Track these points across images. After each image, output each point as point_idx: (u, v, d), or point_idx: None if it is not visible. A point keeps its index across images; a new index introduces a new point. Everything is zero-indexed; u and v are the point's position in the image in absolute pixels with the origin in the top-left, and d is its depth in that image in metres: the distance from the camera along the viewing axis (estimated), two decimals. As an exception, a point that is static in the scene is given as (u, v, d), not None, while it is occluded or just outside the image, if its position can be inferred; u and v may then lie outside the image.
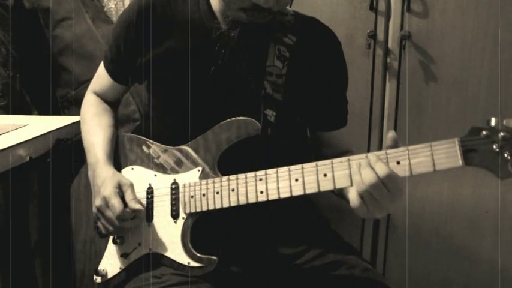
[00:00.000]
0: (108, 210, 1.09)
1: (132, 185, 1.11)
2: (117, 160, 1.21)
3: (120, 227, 1.09)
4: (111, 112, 1.30)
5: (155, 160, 1.14)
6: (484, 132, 0.82)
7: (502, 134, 0.81)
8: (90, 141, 1.22)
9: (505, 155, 0.81)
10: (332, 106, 1.24)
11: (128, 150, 1.20)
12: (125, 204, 1.08)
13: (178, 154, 1.11)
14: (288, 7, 1.18)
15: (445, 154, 0.84)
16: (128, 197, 1.09)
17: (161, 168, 1.13)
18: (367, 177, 0.87)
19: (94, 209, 1.13)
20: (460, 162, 0.83)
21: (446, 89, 1.66)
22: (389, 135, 0.90)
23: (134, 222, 1.10)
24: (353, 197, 0.91)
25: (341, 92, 1.25)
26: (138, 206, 1.08)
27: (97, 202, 1.11)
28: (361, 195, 0.89)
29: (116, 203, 1.07)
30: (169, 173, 1.12)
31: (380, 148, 1.71)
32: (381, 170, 0.87)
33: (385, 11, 1.64)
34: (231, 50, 1.11)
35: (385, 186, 0.87)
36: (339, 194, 1.09)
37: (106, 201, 1.09)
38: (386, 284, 1.11)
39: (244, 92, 1.12)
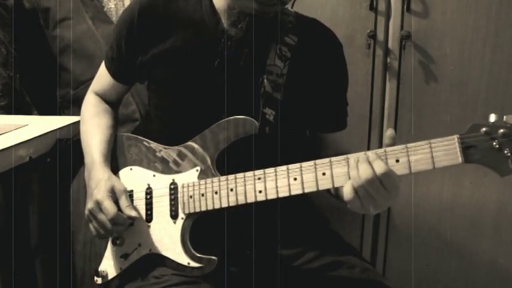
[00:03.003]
0: (100, 213, 1.08)
1: (126, 191, 1.12)
2: (116, 160, 1.21)
3: (112, 230, 1.09)
4: (110, 113, 1.30)
5: (157, 153, 1.14)
6: (484, 129, 0.82)
7: (502, 130, 0.81)
8: (88, 142, 1.22)
9: (505, 151, 0.80)
10: (332, 108, 1.24)
11: (127, 150, 1.20)
12: (119, 208, 1.09)
13: (181, 149, 1.11)
14: (290, 8, 1.18)
15: (445, 151, 0.84)
16: (123, 204, 1.09)
17: (162, 163, 1.12)
18: (365, 172, 0.87)
19: (86, 211, 1.12)
20: (459, 159, 0.83)
21: (446, 89, 1.66)
22: (388, 133, 0.90)
23: (125, 226, 1.11)
24: (348, 190, 0.90)
25: (341, 94, 1.25)
26: (133, 213, 1.08)
27: (89, 205, 1.11)
28: (356, 190, 0.89)
29: (108, 205, 1.07)
30: (171, 167, 1.11)
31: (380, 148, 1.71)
32: (379, 167, 0.87)
33: (385, 11, 1.64)
34: (237, 43, 1.10)
35: (382, 184, 0.87)
36: (337, 195, 1.09)
37: (99, 205, 1.08)
38: (387, 284, 1.10)
39: (245, 90, 1.12)
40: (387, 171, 0.86)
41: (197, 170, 1.08)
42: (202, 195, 1.05)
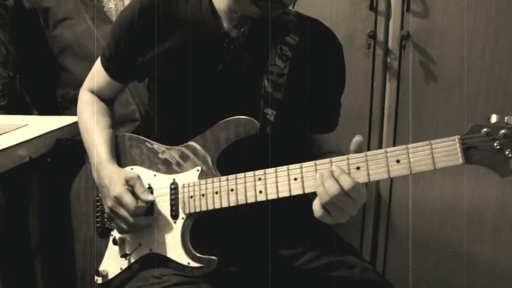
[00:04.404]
0: (121, 209, 1.09)
1: (139, 177, 1.12)
2: (117, 160, 1.20)
3: (134, 224, 1.09)
4: (108, 111, 1.30)
5: (159, 155, 1.14)
6: (485, 130, 0.82)
7: (503, 131, 0.80)
8: (91, 141, 1.21)
9: (506, 152, 0.80)
10: (326, 109, 1.24)
11: (128, 150, 1.20)
12: (136, 199, 1.09)
13: (183, 149, 1.11)
14: (290, 8, 1.18)
15: (446, 152, 0.84)
16: (139, 189, 1.09)
17: (165, 164, 1.12)
18: (331, 189, 0.89)
19: (107, 210, 1.13)
20: (460, 160, 0.83)
21: (446, 89, 1.66)
22: (356, 139, 0.92)
23: (148, 219, 1.10)
24: (317, 208, 0.93)
25: (337, 95, 1.25)
26: (150, 197, 1.09)
27: (109, 203, 1.11)
28: (324, 206, 0.91)
29: (128, 199, 1.07)
30: (173, 169, 1.11)
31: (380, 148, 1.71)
32: (345, 181, 0.89)
33: (385, 11, 1.64)
34: (238, 47, 1.10)
35: (349, 196, 0.89)
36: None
37: (118, 200, 1.08)
38: (386, 284, 1.10)
39: (246, 90, 1.12)
40: (353, 184, 0.88)
41: (198, 170, 1.08)
42: (203, 195, 1.05)
